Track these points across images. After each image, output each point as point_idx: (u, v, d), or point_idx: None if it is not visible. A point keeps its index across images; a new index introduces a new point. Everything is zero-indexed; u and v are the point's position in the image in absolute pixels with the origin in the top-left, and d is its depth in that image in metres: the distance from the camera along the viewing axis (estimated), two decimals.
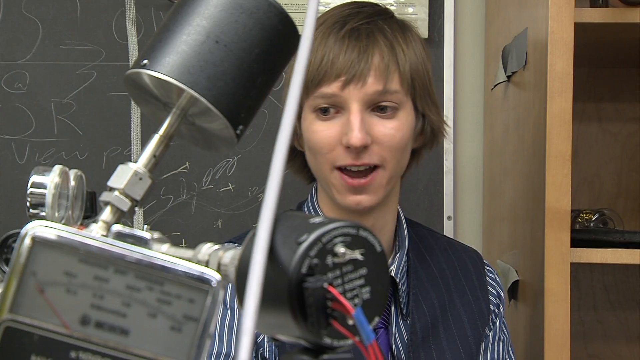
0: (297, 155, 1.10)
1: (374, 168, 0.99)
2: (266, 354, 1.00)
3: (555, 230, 1.16)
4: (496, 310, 1.13)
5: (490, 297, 1.13)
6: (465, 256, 1.15)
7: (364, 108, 0.98)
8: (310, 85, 0.98)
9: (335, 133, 0.99)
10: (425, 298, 1.07)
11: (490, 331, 1.12)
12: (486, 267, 1.16)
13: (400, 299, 1.06)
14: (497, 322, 1.13)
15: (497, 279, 1.16)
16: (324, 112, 0.99)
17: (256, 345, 1.00)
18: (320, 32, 1.00)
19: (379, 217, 1.06)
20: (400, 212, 1.11)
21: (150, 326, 0.42)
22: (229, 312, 1.01)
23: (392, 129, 0.99)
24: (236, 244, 0.45)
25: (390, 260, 1.08)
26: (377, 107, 0.99)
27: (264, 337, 1.00)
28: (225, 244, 0.46)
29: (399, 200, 1.10)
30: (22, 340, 0.42)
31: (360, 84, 0.97)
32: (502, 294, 1.16)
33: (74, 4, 1.68)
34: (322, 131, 0.99)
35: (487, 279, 1.14)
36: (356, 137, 0.95)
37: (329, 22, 1.01)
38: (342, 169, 0.99)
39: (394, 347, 1.04)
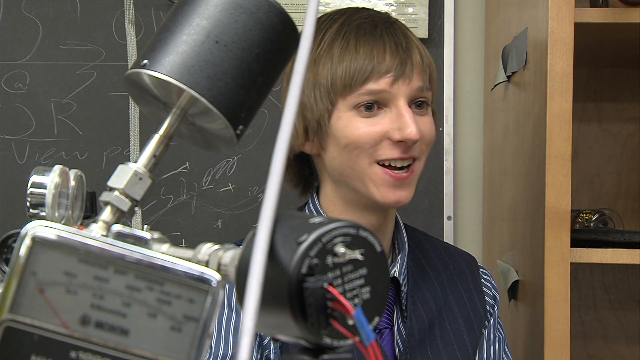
0: (291, 164, 1.10)
1: (411, 162, 1.02)
2: (271, 356, 1.00)
3: (555, 230, 1.16)
4: (491, 310, 1.14)
5: (487, 298, 1.14)
6: (460, 259, 1.16)
7: (408, 104, 1.01)
8: (353, 83, 0.99)
9: (381, 129, 0.99)
10: (422, 300, 1.08)
11: (484, 329, 1.12)
12: (481, 269, 1.17)
13: (403, 300, 1.06)
14: (492, 320, 1.14)
15: (492, 281, 1.17)
16: (368, 108, 1.00)
17: (261, 348, 1.00)
18: (344, 33, 1.01)
19: (388, 217, 1.07)
20: (397, 215, 1.11)
21: (150, 326, 0.42)
22: (234, 314, 1.01)
23: (429, 124, 1.03)
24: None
25: (391, 262, 1.09)
26: (414, 103, 1.02)
27: (269, 340, 1.00)
28: (226, 244, 0.46)
29: None
30: (22, 340, 0.42)
31: (407, 80, 1.00)
32: (497, 295, 1.16)
33: (74, 4, 1.68)
34: (366, 127, 0.99)
35: (482, 280, 1.15)
36: (413, 131, 0.98)
37: (352, 24, 1.02)
38: (383, 165, 1.00)
39: (396, 348, 1.05)
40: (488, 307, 1.13)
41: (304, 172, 1.11)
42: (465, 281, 1.13)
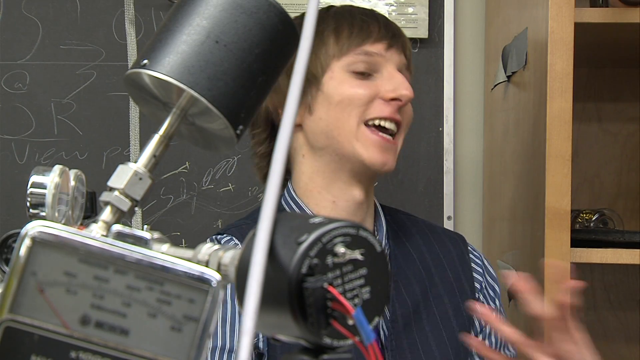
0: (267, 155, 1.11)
1: (397, 130, 1.05)
2: (260, 345, 1.00)
3: (555, 230, 1.16)
4: (487, 293, 1.13)
5: (475, 275, 1.12)
6: (446, 238, 1.15)
7: None
8: (350, 44, 1.02)
9: (375, 89, 1.02)
10: (405, 285, 1.07)
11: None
12: (469, 246, 1.16)
13: None
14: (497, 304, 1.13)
15: (484, 260, 1.16)
16: (361, 73, 1.03)
17: None
18: (336, 10, 1.06)
19: (370, 193, 1.08)
20: (375, 199, 1.13)
21: (150, 326, 0.42)
22: None
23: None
24: (245, 222, 0.44)
25: None
26: None
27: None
28: (225, 237, 0.46)
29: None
30: (22, 340, 0.42)
31: (400, 50, 1.05)
32: (493, 273, 1.15)
33: (74, 4, 1.68)
34: (359, 86, 1.02)
35: (471, 256, 1.14)
36: (408, 88, 1.02)
37: (343, 7, 1.07)
38: (372, 125, 1.02)
39: (381, 333, 1.04)
40: (476, 284, 1.12)
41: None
42: (451, 259, 1.12)
